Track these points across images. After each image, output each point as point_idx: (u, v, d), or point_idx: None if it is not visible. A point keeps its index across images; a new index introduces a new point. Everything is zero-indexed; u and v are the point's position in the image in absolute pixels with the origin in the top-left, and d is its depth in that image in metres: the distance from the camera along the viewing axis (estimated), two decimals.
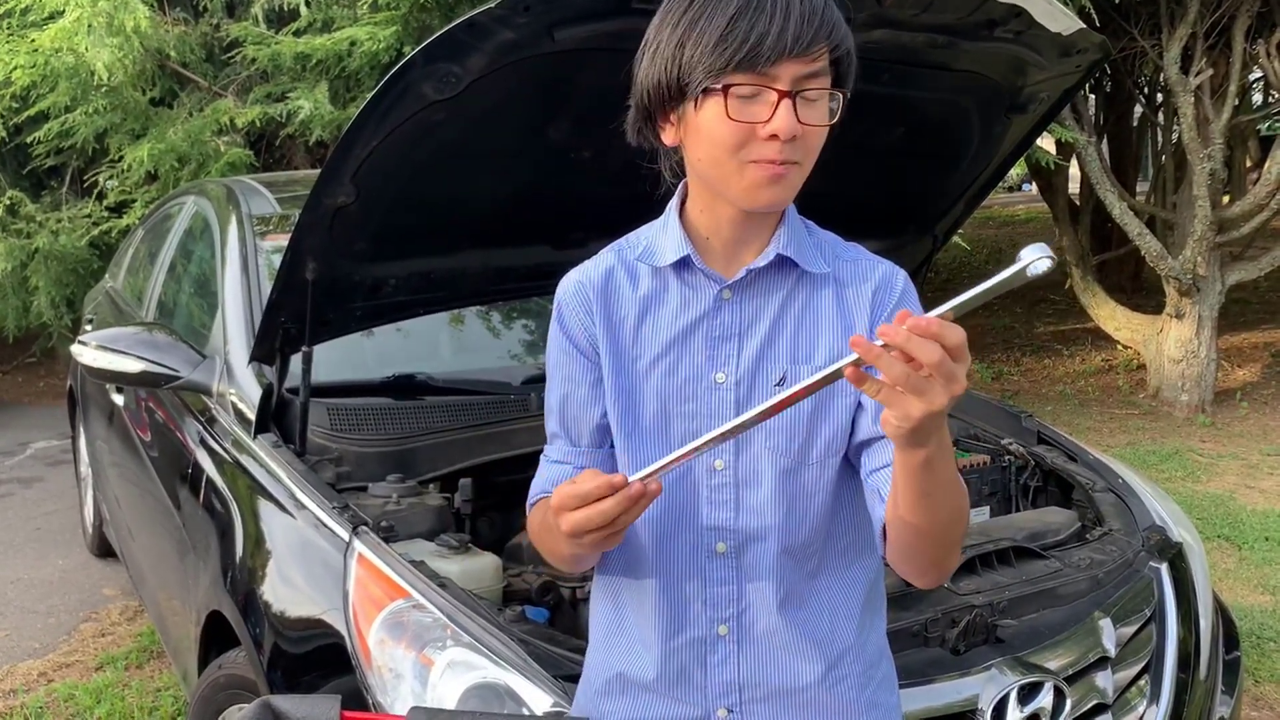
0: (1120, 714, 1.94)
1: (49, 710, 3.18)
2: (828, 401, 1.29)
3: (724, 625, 1.34)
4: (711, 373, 1.31)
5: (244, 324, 2.66)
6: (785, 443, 1.29)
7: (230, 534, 2.25)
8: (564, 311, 1.38)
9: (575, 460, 1.38)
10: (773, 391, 1.28)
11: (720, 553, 1.32)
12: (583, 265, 1.40)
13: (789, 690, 1.35)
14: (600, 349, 1.36)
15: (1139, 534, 2.24)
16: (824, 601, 1.35)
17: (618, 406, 1.35)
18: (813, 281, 1.31)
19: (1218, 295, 6.62)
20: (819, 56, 1.18)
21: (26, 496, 5.39)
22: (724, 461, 1.31)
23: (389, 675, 1.74)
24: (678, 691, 1.36)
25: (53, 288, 6.75)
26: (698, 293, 1.32)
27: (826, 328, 1.30)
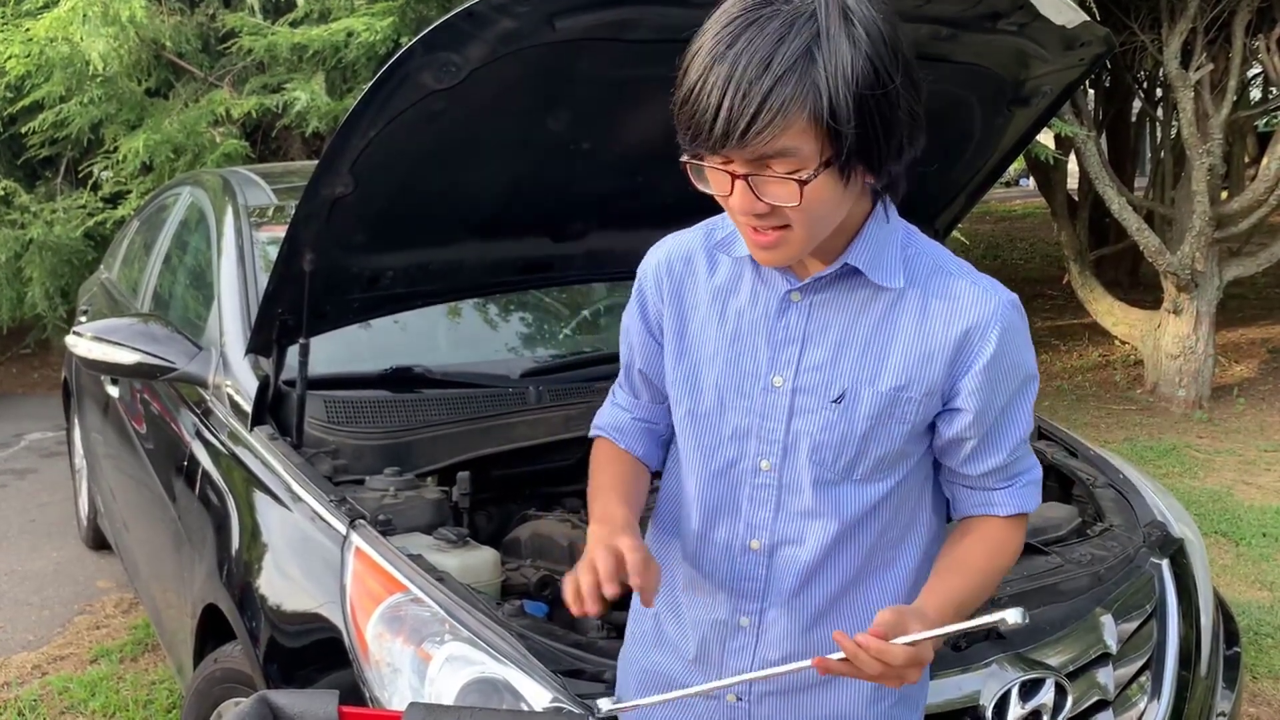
0: (1121, 710, 1.93)
1: (43, 703, 3.16)
2: (884, 425, 1.27)
3: (746, 618, 1.35)
4: (771, 374, 1.29)
5: (240, 316, 2.64)
6: (831, 457, 1.28)
7: (226, 527, 2.23)
8: (642, 285, 1.41)
9: (634, 411, 1.48)
10: (828, 408, 1.27)
11: (754, 549, 1.33)
12: (669, 241, 1.41)
13: (799, 689, 1.35)
14: (666, 331, 1.38)
15: (1140, 530, 2.23)
16: (850, 612, 1.35)
17: (677, 389, 1.38)
18: (893, 297, 1.26)
19: (1216, 291, 6.61)
20: (767, 143, 1.09)
21: (21, 488, 5.37)
22: (770, 463, 1.31)
23: (387, 669, 1.73)
24: (699, 665, 1.39)
25: (47, 278, 6.71)
26: (769, 289, 1.30)
27: (898, 350, 1.25)
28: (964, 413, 1.27)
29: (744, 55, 1.07)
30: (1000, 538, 1.33)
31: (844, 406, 1.26)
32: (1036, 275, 11.26)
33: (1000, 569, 1.33)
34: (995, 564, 1.31)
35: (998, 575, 1.32)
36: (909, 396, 1.26)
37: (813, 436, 1.28)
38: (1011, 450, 1.31)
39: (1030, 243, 13.43)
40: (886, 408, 1.26)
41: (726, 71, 1.08)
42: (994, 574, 1.31)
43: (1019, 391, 1.29)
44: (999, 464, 1.31)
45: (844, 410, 1.26)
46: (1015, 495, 1.33)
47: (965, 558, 1.29)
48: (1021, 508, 1.34)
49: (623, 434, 1.47)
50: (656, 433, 1.48)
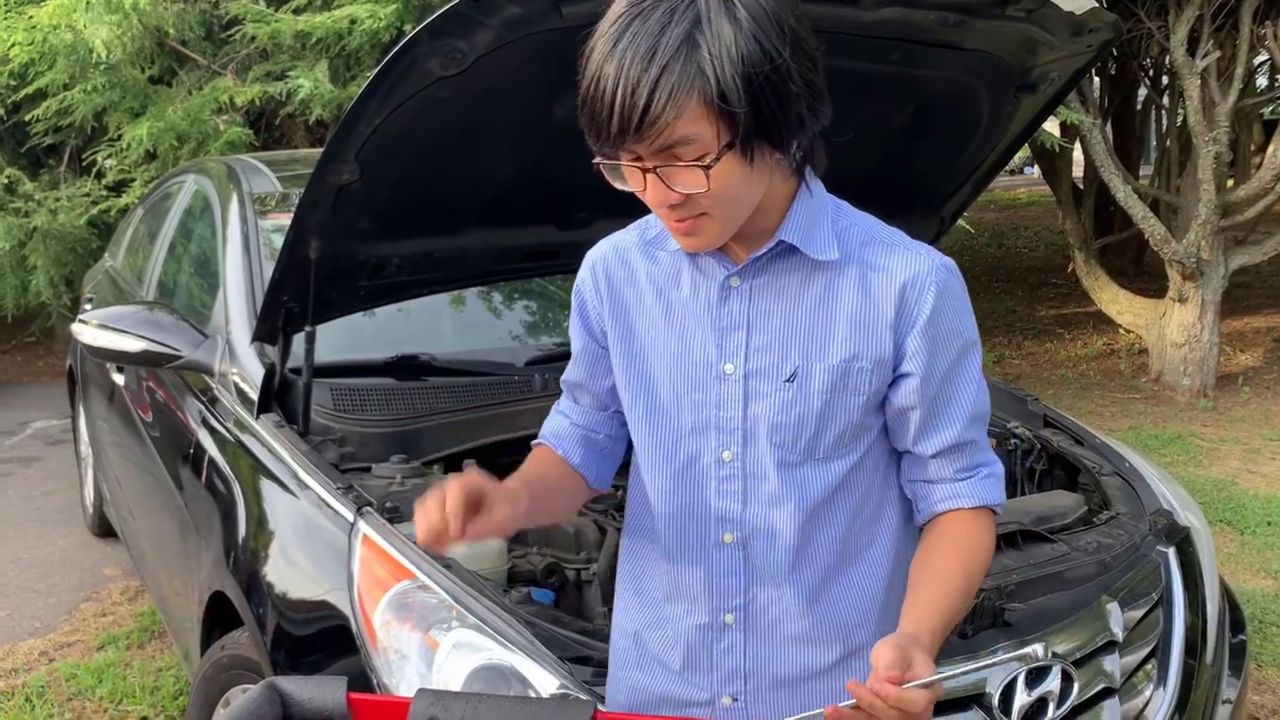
0: (1127, 698, 1.93)
1: (50, 689, 3.17)
2: (839, 399, 1.26)
3: (730, 614, 1.34)
4: (721, 363, 1.29)
5: (246, 303, 2.64)
6: (791, 439, 1.28)
7: (233, 514, 2.24)
8: (581, 291, 1.40)
9: (573, 416, 1.46)
10: (782, 389, 1.27)
11: (728, 543, 1.32)
12: (603, 244, 1.39)
13: (797, 679, 1.34)
14: (610, 335, 1.36)
15: (1146, 518, 2.23)
16: (837, 594, 1.34)
17: (630, 392, 1.36)
18: (831, 269, 1.26)
19: (1221, 279, 6.60)
20: (663, 133, 1.09)
21: (26, 476, 5.38)
22: (732, 453, 1.30)
23: (394, 656, 1.73)
24: (688, 674, 1.37)
25: (51, 266, 6.71)
26: (708, 278, 1.29)
27: (843, 322, 1.25)
28: (910, 377, 1.26)
29: (629, 50, 1.08)
30: (970, 537, 1.30)
31: (797, 385, 1.26)
32: (1041, 264, 11.25)
33: (977, 570, 1.28)
34: (971, 565, 1.28)
35: (976, 578, 1.28)
36: (860, 367, 1.25)
37: (770, 419, 1.27)
38: (964, 427, 1.28)
39: (1035, 231, 13.40)
40: (839, 381, 1.26)
41: (615, 68, 1.09)
42: (973, 576, 1.28)
43: (961, 357, 1.28)
44: (952, 440, 1.28)
45: (798, 389, 1.26)
46: (976, 486, 1.30)
47: (941, 566, 1.26)
48: (984, 499, 1.31)
49: (560, 440, 1.45)
50: (595, 442, 1.45)
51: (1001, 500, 1.33)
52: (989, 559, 1.31)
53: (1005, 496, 1.35)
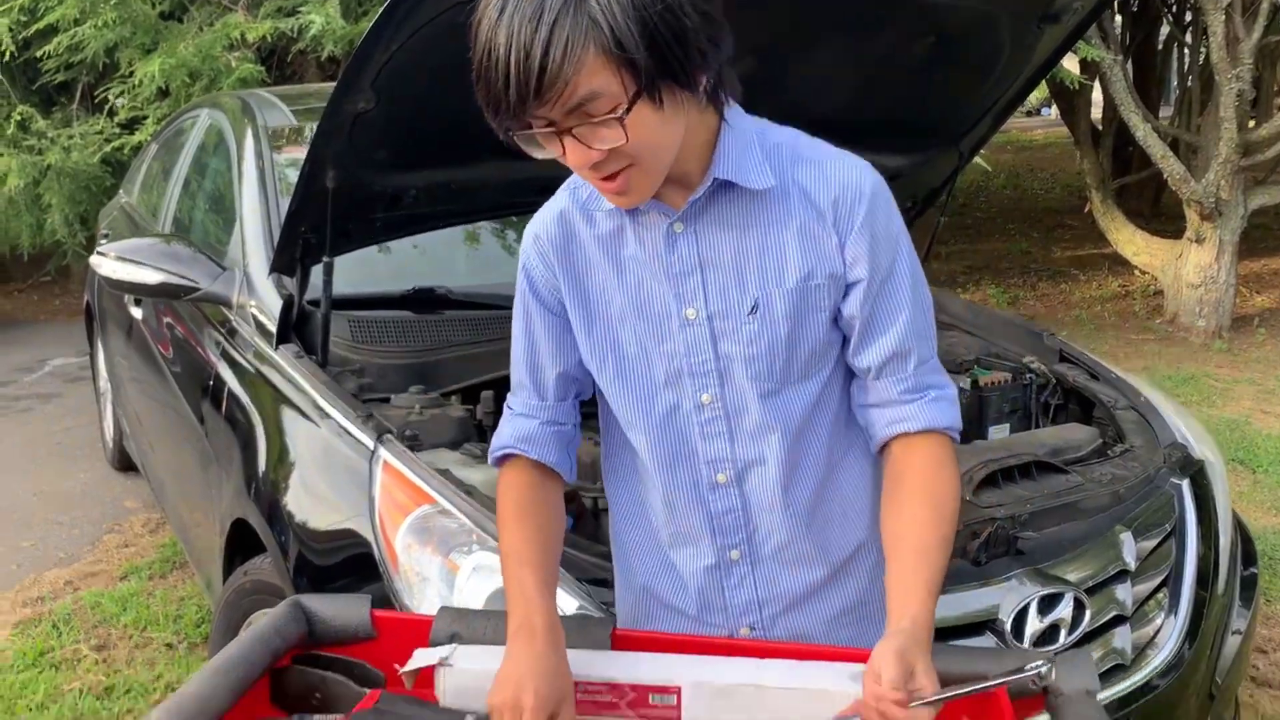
0: (1139, 625, 1.96)
1: (76, 617, 3.24)
2: (803, 318, 1.27)
3: (735, 550, 1.36)
4: (682, 309, 1.29)
5: (262, 236, 2.64)
6: (766, 368, 1.29)
7: (253, 444, 2.26)
8: (527, 266, 1.36)
9: (540, 415, 1.39)
10: (747, 322, 1.27)
11: (721, 483, 1.33)
12: (539, 214, 1.37)
13: (807, 597, 1.37)
14: (567, 303, 1.34)
15: (1161, 451, 2.24)
16: (833, 507, 1.36)
17: (597, 356, 1.35)
18: (770, 196, 1.25)
19: (1239, 220, 6.54)
20: (565, 92, 1.06)
21: (45, 412, 5.44)
22: (711, 394, 1.31)
23: (416, 579, 1.76)
24: (705, 615, 1.39)
25: (66, 205, 6.72)
26: (651, 229, 1.28)
27: (793, 244, 1.26)
28: (856, 285, 1.26)
29: (515, 15, 1.05)
30: (932, 479, 1.27)
31: (760, 315, 1.26)
32: (1057, 205, 11.15)
33: (949, 517, 1.25)
34: (943, 515, 1.24)
35: (951, 525, 1.25)
36: (816, 284, 1.26)
37: (742, 354, 1.28)
38: (904, 331, 1.27)
39: (1051, 173, 13.27)
40: (800, 302, 1.26)
41: (505, 35, 1.05)
42: (947, 526, 1.24)
43: (895, 258, 1.27)
44: (893, 347, 1.27)
45: (762, 319, 1.26)
46: (925, 408, 1.28)
47: (916, 532, 1.23)
48: (931, 421, 1.28)
49: (533, 444, 1.38)
50: (566, 435, 1.41)
51: (953, 423, 1.30)
52: (957, 495, 1.28)
53: (960, 420, 1.31)
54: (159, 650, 3.05)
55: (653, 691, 1.24)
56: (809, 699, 1.20)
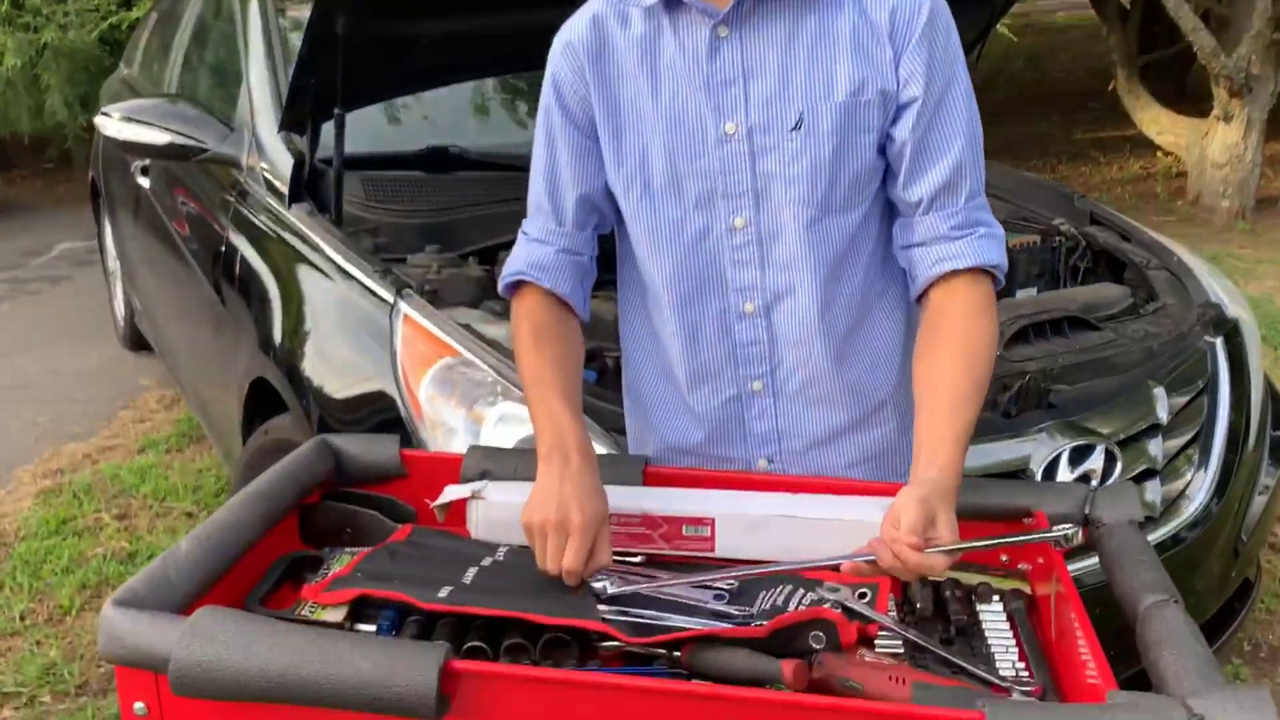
0: (1169, 480, 1.94)
1: (96, 488, 3.25)
2: (849, 138, 1.20)
3: (758, 382, 1.32)
4: (720, 124, 1.22)
5: (270, 96, 2.56)
6: (807, 192, 1.22)
7: (269, 303, 2.22)
8: (556, 76, 1.29)
9: (557, 241, 1.32)
10: (790, 138, 1.21)
11: (749, 312, 1.29)
12: (570, 21, 1.29)
13: (827, 438, 1.34)
14: (596, 115, 1.27)
15: (1194, 309, 2.19)
16: (863, 352, 1.32)
17: (624, 174, 1.28)
18: (822, 2, 1.19)
19: (1270, 96, 6.36)
20: None
21: (56, 294, 5.41)
22: (745, 218, 1.25)
23: (441, 431, 1.74)
24: (720, 449, 1.36)
25: (65, 86, 6.59)
26: (693, 33, 1.21)
27: (844, 54, 1.19)
28: (908, 107, 1.20)
29: None
30: (970, 325, 1.20)
31: (805, 131, 1.20)
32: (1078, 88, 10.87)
33: (984, 369, 1.19)
34: (979, 366, 1.19)
35: (985, 376, 1.19)
36: (866, 100, 1.19)
37: (782, 174, 1.21)
38: (956, 159, 1.21)
39: (1072, 55, 12.91)
40: (847, 119, 1.19)
41: None
42: (982, 378, 1.19)
43: (953, 81, 1.21)
44: (945, 177, 1.21)
45: (806, 135, 1.20)
46: (974, 245, 1.21)
47: (949, 379, 1.17)
48: (981, 257, 1.21)
49: (546, 272, 1.31)
50: (583, 268, 1.34)
51: (1001, 262, 1.24)
52: (994, 344, 1.22)
53: (1006, 261, 1.25)
54: (179, 519, 3.07)
55: (686, 523, 1.22)
56: (842, 530, 1.18)
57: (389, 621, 1.09)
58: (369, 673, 0.86)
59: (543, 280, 1.32)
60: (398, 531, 1.26)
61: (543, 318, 1.31)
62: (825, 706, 0.86)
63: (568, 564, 1.10)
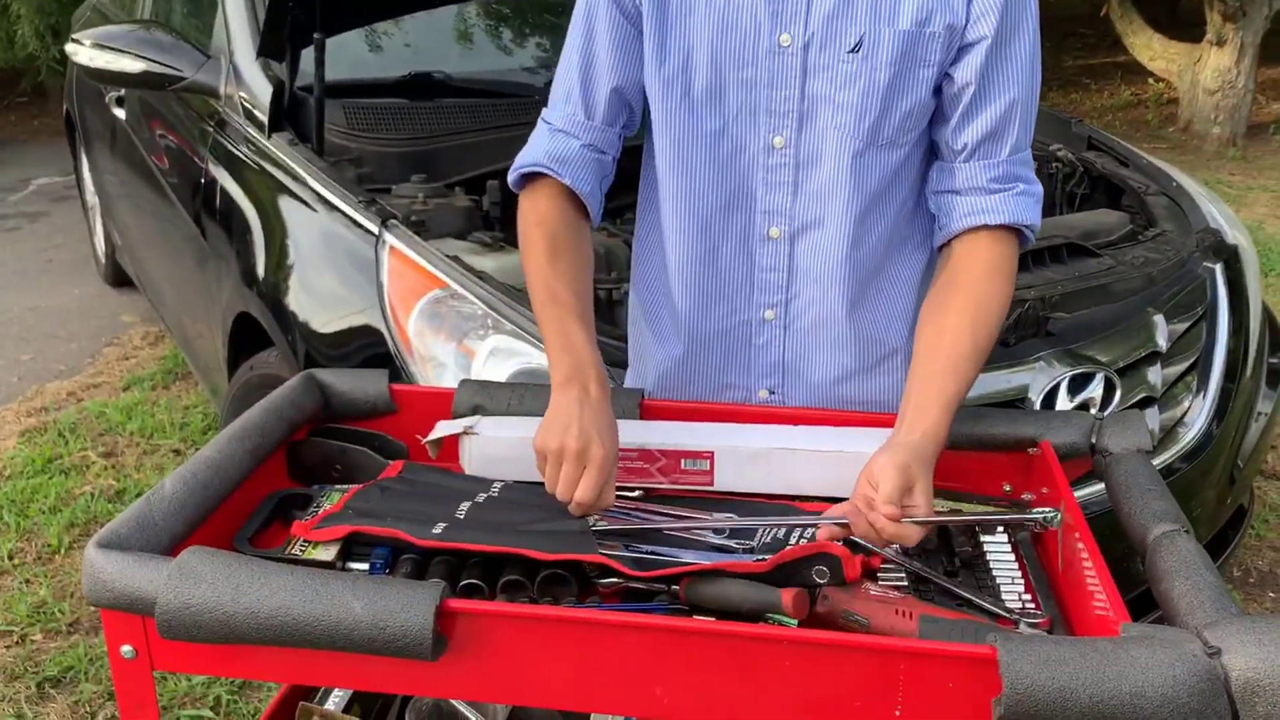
0: (1167, 407, 1.92)
1: (81, 425, 3.22)
2: (908, 71, 1.15)
3: (771, 310, 1.28)
4: (776, 33, 1.16)
5: (248, 21, 2.47)
6: (854, 121, 1.17)
7: (251, 235, 2.17)
8: None
9: (583, 135, 1.24)
10: (846, 60, 1.15)
11: (773, 237, 1.24)
12: None
13: (833, 381, 1.31)
14: (643, 3, 1.20)
15: (1193, 235, 2.16)
16: (882, 298, 1.28)
17: (666, 71, 1.20)
18: None
19: (1263, 20, 6.28)
20: None
21: (34, 230, 5.32)
22: (784, 138, 1.19)
23: (431, 365, 1.71)
24: (723, 376, 1.32)
25: (35, 15, 6.43)
26: None
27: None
28: (973, 47, 1.14)
29: None
30: (985, 287, 1.15)
31: (863, 55, 1.14)
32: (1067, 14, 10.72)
33: (989, 334, 1.15)
34: (984, 331, 1.14)
35: (987, 344, 1.15)
36: (931, 32, 1.14)
37: (832, 97, 1.16)
38: (1006, 107, 1.16)
39: None
40: (909, 49, 1.14)
41: None
42: (984, 345, 1.14)
43: (1023, 26, 1.15)
44: (992, 124, 1.16)
45: (864, 59, 1.14)
46: (1011, 200, 1.17)
47: (952, 339, 1.13)
48: (1014, 216, 1.17)
49: (568, 166, 1.23)
50: (604, 168, 1.26)
51: (1035, 222, 1.19)
52: (1005, 306, 1.17)
53: (1039, 221, 1.20)
54: (167, 456, 3.04)
55: (685, 457, 1.20)
56: (842, 461, 1.16)
57: (382, 560, 1.06)
58: (363, 614, 0.84)
59: (563, 175, 1.23)
60: (388, 468, 1.23)
61: (558, 223, 1.23)
62: (832, 642, 0.84)
63: (582, 495, 1.06)
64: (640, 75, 1.23)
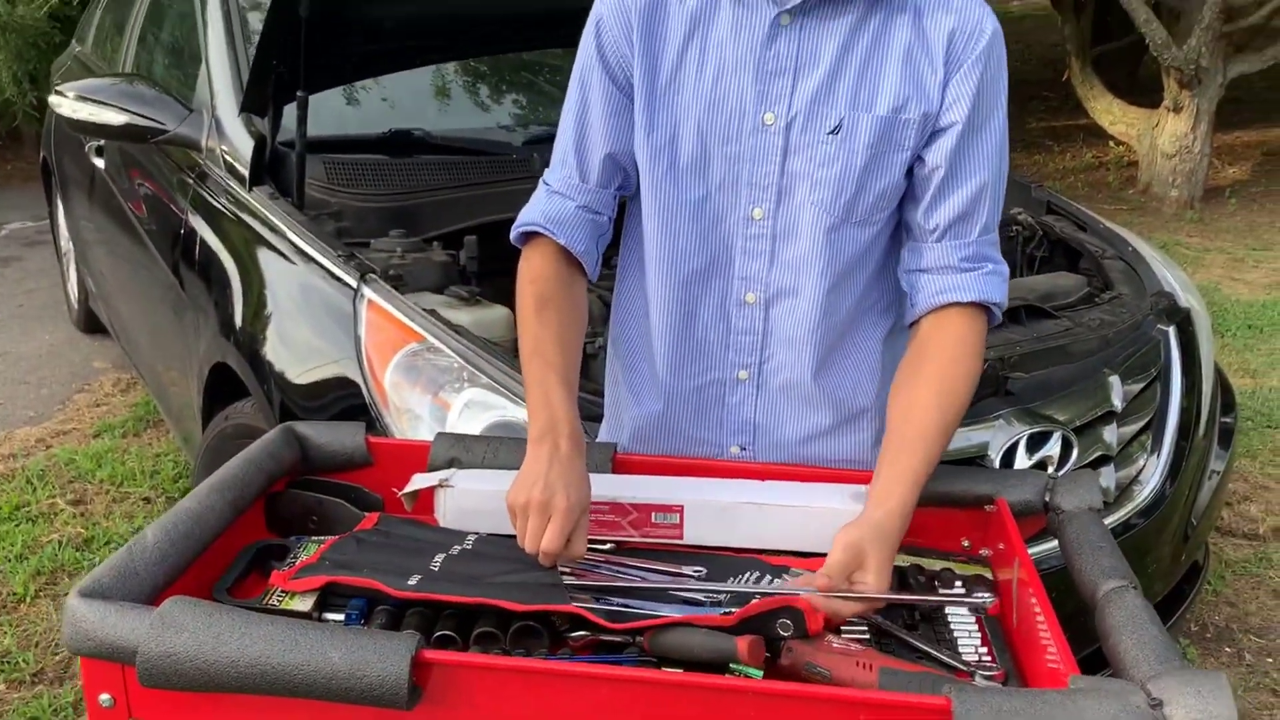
0: (1123, 465, 1.98)
1: (50, 473, 3.20)
2: (884, 154, 1.21)
3: (744, 371, 1.32)
4: (760, 112, 1.22)
5: (231, 77, 2.53)
6: (831, 198, 1.23)
7: (230, 287, 2.20)
8: (601, 26, 1.27)
9: (578, 197, 1.30)
10: (825, 141, 1.21)
11: (749, 303, 1.29)
12: None
13: (802, 439, 1.35)
14: (634, 77, 1.26)
15: (1148, 298, 2.23)
16: (849, 362, 1.33)
17: (651, 143, 1.26)
18: (887, 9, 1.19)
19: (1218, 88, 6.48)
20: None
21: (6, 275, 5.30)
22: (763, 210, 1.25)
23: (406, 417, 1.74)
24: (695, 430, 1.36)
25: (14, 62, 6.45)
26: (753, 14, 1.20)
27: (894, 69, 1.19)
28: (945, 132, 1.21)
29: None
30: (954, 366, 1.21)
31: (842, 137, 1.20)
32: (1033, 77, 10.98)
33: (956, 413, 1.20)
34: (952, 409, 1.19)
35: (954, 422, 1.20)
36: (906, 119, 1.20)
37: (810, 175, 1.22)
38: (976, 191, 1.22)
39: (1027, 44, 13.03)
40: (885, 133, 1.20)
41: None
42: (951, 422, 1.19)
43: (994, 114, 1.22)
44: (962, 207, 1.22)
45: (842, 141, 1.20)
46: (978, 280, 1.23)
47: (921, 416, 1.18)
48: (983, 294, 1.23)
49: (563, 226, 1.28)
50: (600, 228, 1.32)
51: (1003, 300, 1.24)
52: (974, 383, 1.22)
53: (1007, 300, 1.26)
54: (136, 504, 3.03)
55: (656, 510, 1.23)
56: (808, 516, 1.20)
57: (357, 611, 1.08)
58: (340, 663, 0.86)
59: (558, 235, 1.29)
60: (365, 520, 1.26)
61: (551, 284, 1.28)
62: (794, 693, 0.88)
63: (546, 545, 1.10)
64: (632, 141, 1.28)
